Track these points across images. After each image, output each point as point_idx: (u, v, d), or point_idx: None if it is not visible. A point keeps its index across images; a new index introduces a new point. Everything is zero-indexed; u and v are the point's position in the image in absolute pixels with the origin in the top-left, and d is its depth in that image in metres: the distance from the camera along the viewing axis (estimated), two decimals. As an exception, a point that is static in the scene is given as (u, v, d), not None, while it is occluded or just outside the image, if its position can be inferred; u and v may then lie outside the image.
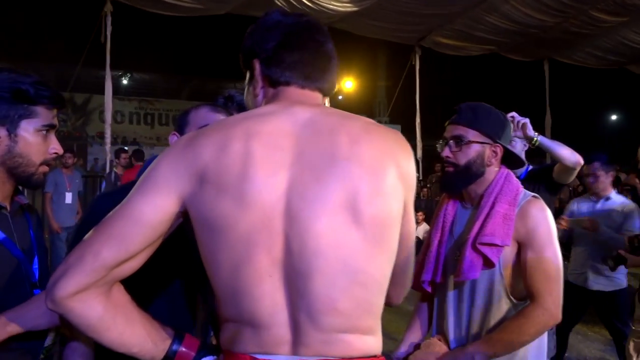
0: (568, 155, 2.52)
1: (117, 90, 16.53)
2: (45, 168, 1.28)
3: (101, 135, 8.36)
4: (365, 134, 0.97)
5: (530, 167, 2.89)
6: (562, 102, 14.87)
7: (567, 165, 2.56)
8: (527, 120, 2.40)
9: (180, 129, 1.50)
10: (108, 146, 7.57)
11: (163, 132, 19.19)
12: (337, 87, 1.04)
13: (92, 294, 0.89)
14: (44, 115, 1.25)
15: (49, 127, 1.27)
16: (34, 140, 1.24)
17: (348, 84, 19.88)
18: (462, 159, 1.64)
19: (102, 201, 1.48)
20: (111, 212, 0.94)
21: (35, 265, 1.26)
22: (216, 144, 0.94)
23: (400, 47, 11.29)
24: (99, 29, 7.36)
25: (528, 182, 2.61)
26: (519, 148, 2.69)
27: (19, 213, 1.30)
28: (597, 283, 3.47)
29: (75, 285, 0.87)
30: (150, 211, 0.92)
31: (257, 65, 1.05)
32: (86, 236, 0.93)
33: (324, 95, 1.09)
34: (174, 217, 0.95)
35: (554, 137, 3.11)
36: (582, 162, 2.56)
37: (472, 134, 1.64)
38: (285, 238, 0.90)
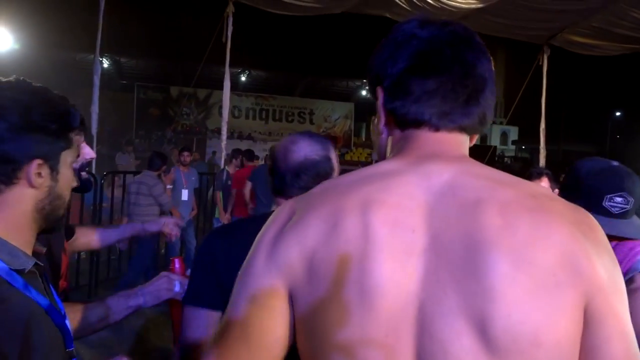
0: None
1: (236, 86, 17.32)
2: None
3: (219, 131, 8.73)
4: (525, 211, 0.68)
5: None
6: None
7: None
8: None
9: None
10: (224, 143, 7.84)
11: (276, 127, 19.84)
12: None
13: None
14: (76, 143, 1.00)
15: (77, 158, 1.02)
16: (69, 175, 0.98)
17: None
18: None
19: (217, 241, 1.31)
20: (220, 328, 0.74)
21: (67, 327, 0.99)
22: (325, 219, 0.71)
23: (523, 45, 10.47)
24: (221, 28, 7.65)
25: None
26: None
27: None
28: None
29: None
30: (271, 326, 0.71)
31: (380, 95, 0.81)
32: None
33: (470, 134, 0.81)
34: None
35: None
36: None
37: None
38: (416, 358, 0.66)
